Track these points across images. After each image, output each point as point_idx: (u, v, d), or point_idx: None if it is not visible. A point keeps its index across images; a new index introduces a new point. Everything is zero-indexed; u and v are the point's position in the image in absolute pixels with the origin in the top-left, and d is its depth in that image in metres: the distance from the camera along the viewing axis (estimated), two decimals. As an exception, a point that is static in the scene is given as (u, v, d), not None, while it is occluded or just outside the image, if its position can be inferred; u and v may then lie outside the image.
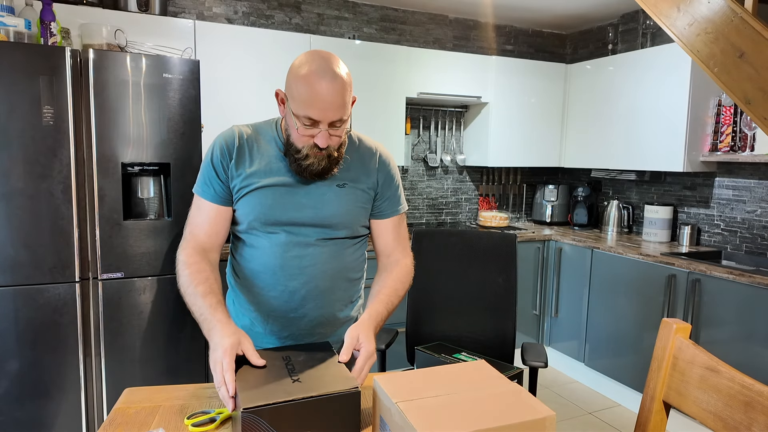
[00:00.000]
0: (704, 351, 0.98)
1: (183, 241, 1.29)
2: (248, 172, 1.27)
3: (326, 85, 1.15)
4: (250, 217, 1.28)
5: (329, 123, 1.18)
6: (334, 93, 1.16)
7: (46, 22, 2.23)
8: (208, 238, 1.29)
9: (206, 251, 1.28)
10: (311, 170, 1.24)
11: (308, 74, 1.16)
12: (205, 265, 1.24)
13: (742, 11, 1.71)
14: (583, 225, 3.91)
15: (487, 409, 0.82)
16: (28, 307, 2.13)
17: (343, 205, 1.32)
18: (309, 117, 1.17)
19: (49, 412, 2.20)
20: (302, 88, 1.16)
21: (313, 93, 1.15)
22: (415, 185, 3.91)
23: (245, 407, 0.86)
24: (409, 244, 1.48)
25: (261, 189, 1.27)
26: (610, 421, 2.91)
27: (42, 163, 2.11)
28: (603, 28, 3.98)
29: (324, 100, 1.15)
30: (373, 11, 3.63)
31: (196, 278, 1.19)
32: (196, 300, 1.16)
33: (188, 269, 1.22)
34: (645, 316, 2.92)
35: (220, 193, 1.29)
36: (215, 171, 1.28)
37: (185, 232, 1.31)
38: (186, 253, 1.26)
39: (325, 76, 1.15)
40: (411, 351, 2.23)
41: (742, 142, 2.93)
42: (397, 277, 1.35)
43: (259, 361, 1.03)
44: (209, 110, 2.72)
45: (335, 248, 1.33)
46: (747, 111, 1.71)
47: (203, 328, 1.12)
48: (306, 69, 1.16)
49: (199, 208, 1.30)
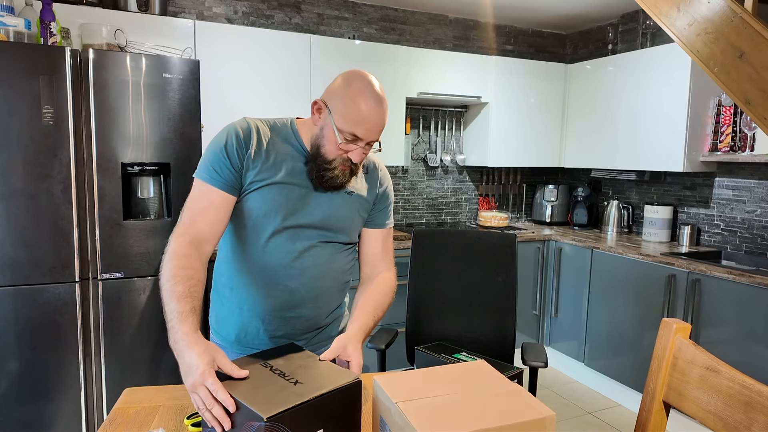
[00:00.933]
0: (704, 351, 0.98)
1: (179, 227, 1.21)
2: (264, 166, 1.26)
3: (376, 108, 1.23)
4: (260, 212, 1.26)
5: (369, 143, 1.26)
6: (381, 115, 1.24)
7: (46, 21, 2.23)
8: (209, 227, 1.22)
9: (201, 242, 1.20)
10: (333, 183, 1.28)
11: (359, 94, 1.22)
12: (195, 261, 1.16)
13: (742, 11, 1.71)
14: (583, 225, 3.91)
15: (487, 409, 0.82)
16: (28, 307, 2.13)
17: (348, 212, 1.35)
18: (353, 134, 1.23)
19: (49, 412, 2.20)
20: (352, 106, 1.22)
21: (364, 113, 1.22)
22: (415, 185, 3.91)
23: (268, 416, 0.85)
24: (393, 260, 1.50)
25: (276, 185, 1.26)
26: (610, 421, 2.91)
27: (42, 163, 2.11)
28: (603, 28, 3.98)
29: (372, 122, 1.23)
30: (373, 11, 3.62)
31: (179, 275, 1.10)
32: (170, 301, 1.06)
33: (174, 261, 1.13)
34: (645, 316, 2.91)
35: (229, 181, 1.23)
36: (228, 158, 1.23)
37: (183, 217, 1.22)
38: (178, 242, 1.17)
39: (375, 99, 1.23)
40: (411, 351, 2.23)
41: (741, 142, 2.93)
42: (382, 291, 1.37)
43: (240, 372, 0.98)
44: (209, 110, 2.72)
45: (333, 251, 1.35)
46: (747, 111, 1.71)
47: (169, 335, 1.03)
48: (357, 87, 1.22)
49: (203, 194, 1.23)
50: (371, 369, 2.87)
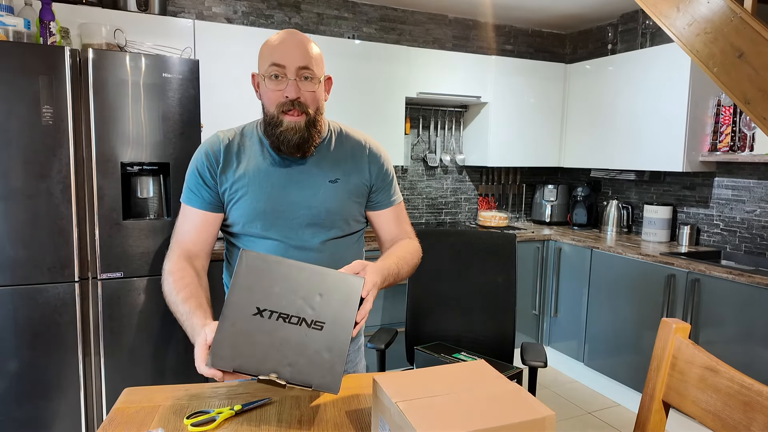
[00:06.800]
0: (703, 351, 0.98)
1: (169, 251, 1.28)
2: (236, 175, 1.27)
3: (286, 35, 1.22)
4: (243, 220, 1.28)
5: (298, 68, 1.19)
6: (296, 39, 1.21)
7: (46, 21, 2.23)
8: (194, 246, 1.28)
9: (192, 258, 1.26)
10: (288, 139, 1.22)
11: (271, 37, 1.25)
12: (189, 270, 1.22)
13: (741, 11, 1.71)
14: (583, 225, 3.91)
15: (487, 408, 0.82)
16: (27, 307, 2.13)
17: (336, 201, 1.30)
18: (274, 63, 1.19)
19: (48, 412, 2.20)
20: (265, 46, 1.23)
21: (276, 42, 1.21)
22: (414, 185, 3.91)
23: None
24: (413, 230, 1.46)
25: (251, 189, 1.27)
26: (609, 421, 2.92)
27: (41, 163, 2.10)
28: (602, 28, 3.98)
29: (286, 45, 1.20)
30: (372, 11, 3.62)
31: (178, 285, 1.17)
32: (178, 307, 1.14)
33: (171, 276, 1.20)
34: (644, 315, 2.92)
35: (207, 200, 1.29)
36: (202, 178, 1.28)
37: (171, 242, 1.30)
38: (171, 262, 1.24)
39: (288, 31, 1.24)
40: (411, 351, 2.23)
41: (741, 142, 2.93)
42: (407, 249, 1.32)
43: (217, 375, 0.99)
44: (209, 110, 2.71)
45: (336, 250, 1.33)
46: (746, 111, 1.71)
47: (187, 333, 1.11)
48: (272, 36, 1.25)
49: (186, 217, 1.30)
50: (371, 369, 2.87)
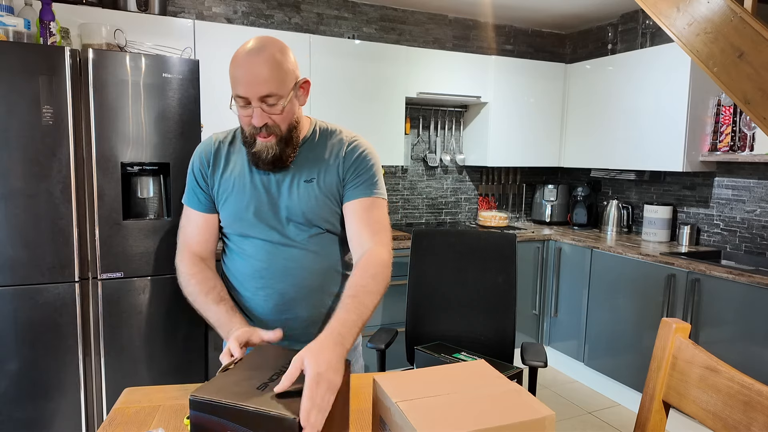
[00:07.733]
0: (704, 351, 0.98)
1: (178, 252, 1.34)
2: (223, 177, 1.32)
3: (250, 60, 1.14)
4: (229, 220, 1.32)
5: (260, 98, 1.15)
6: (258, 66, 1.13)
7: (46, 21, 2.23)
8: (199, 246, 1.34)
9: (200, 257, 1.33)
10: (262, 159, 1.23)
11: (236, 53, 1.17)
12: (209, 272, 1.30)
13: (741, 11, 1.71)
14: (583, 225, 3.91)
15: (487, 408, 0.82)
16: (27, 307, 2.13)
17: (312, 200, 1.29)
18: (237, 95, 1.17)
19: (48, 412, 2.20)
20: (231, 68, 1.17)
21: (239, 69, 1.15)
22: (414, 185, 3.91)
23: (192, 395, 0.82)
24: (387, 236, 1.29)
25: (234, 191, 1.30)
26: (609, 421, 2.92)
27: (41, 163, 2.10)
28: (602, 28, 3.98)
29: (248, 74, 1.13)
30: (372, 11, 3.62)
31: (204, 287, 1.26)
32: (210, 307, 1.22)
33: (193, 279, 1.27)
34: (644, 315, 2.92)
35: (204, 202, 1.34)
36: (197, 180, 1.34)
37: (178, 241, 1.36)
38: (186, 264, 1.31)
39: (250, 52, 1.14)
40: (411, 351, 2.23)
41: (741, 142, 2.93)
42: (365, 272, 1.17)
43: (271, 335, 1.09)
44: (209, 110, 2.71)
45: (323, 244, 1.32)
46: (746, 111, 1.71)
47: (222, 333, 1.18)
48: (238, 50, 1.18)
49: (188, 218, 1.36)
50: (371, 369, 2.87)
